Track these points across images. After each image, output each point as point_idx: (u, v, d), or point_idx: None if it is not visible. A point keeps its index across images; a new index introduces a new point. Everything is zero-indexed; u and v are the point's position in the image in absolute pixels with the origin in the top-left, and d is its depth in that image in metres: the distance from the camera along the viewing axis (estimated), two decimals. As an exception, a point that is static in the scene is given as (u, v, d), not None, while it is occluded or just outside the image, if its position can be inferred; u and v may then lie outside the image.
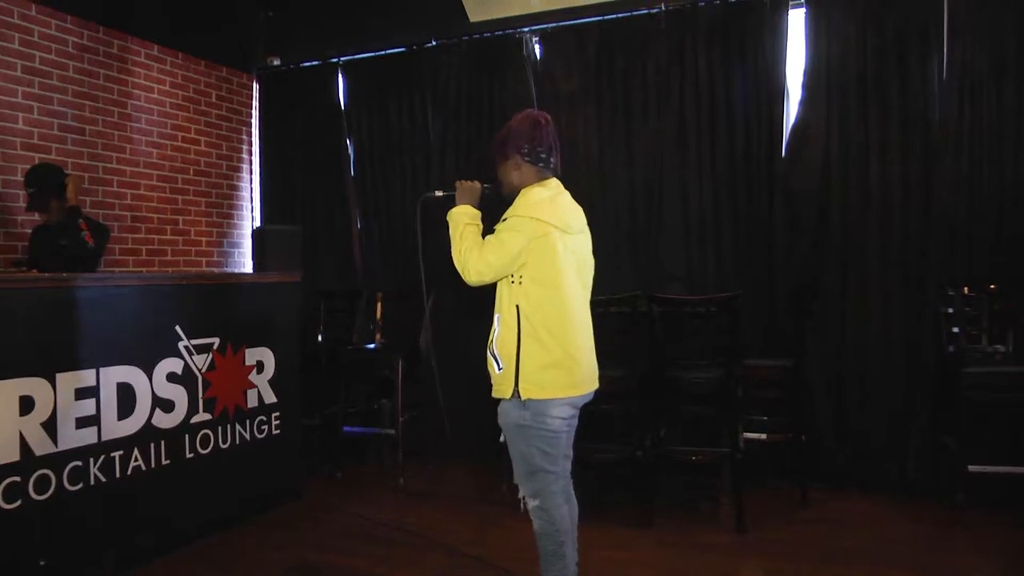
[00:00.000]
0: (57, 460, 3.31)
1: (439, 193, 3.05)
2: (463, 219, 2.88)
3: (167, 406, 3.81)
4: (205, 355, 4.03)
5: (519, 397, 2.76)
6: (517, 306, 2.76)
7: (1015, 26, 4.38)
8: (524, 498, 2.88)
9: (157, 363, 3.77)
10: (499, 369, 2.80)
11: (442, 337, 4.84)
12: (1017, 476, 4.06)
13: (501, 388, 2.81)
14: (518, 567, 3.56)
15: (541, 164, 2.86)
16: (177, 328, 3.89)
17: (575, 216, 2.89)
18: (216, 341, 4.09)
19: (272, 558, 3.81)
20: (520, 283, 2.76)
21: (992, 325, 4.41)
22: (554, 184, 2.90)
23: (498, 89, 5.65)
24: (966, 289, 4.44)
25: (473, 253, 2.77)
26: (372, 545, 3.90)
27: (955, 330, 4.44)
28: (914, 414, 4.55)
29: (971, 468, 4.02)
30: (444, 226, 2.93)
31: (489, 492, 4.71)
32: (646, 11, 5.17)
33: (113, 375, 3.56)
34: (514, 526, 4.15)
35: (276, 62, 6.52)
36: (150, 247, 5.68)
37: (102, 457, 3.49)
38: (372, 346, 5.65)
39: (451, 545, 3.83)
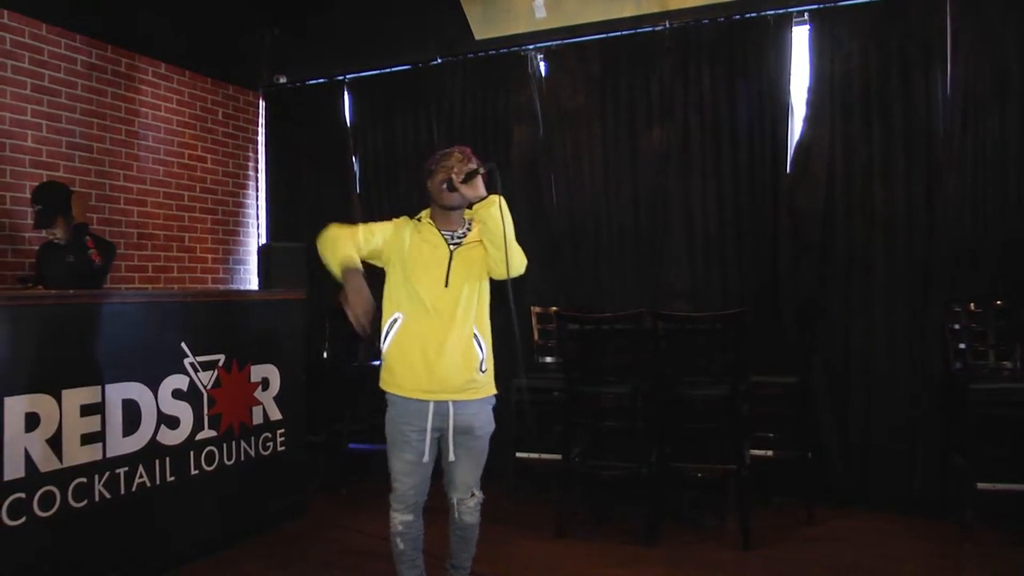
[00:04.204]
0: (62, 477, 3.31)
1: (483, 170, 2.86)
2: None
3: (172, 423, 3.81)
4: (210, 372, 4.03)
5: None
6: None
7: (1017, 41, 4.39)
8: (471, 495, 3.08)
9: (163, 380, 3.78)
10: (484, 370, 2.97)
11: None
12: (1026, 493, 4.03)
13: (491, 384, 3.03)
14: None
15: None
16: (183, 345, 3.90)
17: None
18: (221, 358, 4.10)
19: (276, 575, 3.81)
20: (481, 293, 2.99)
21: (999, 341, 4.40)
22: None
23: (503, 106, 5.68)
24: (972, 305, 4.43)
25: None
26: (377, 562, 3.87)
27: (961, 346, 4.43)
28: (921, 431, 4.53)
29: (980, 485, 3.99)
30: None
31: (495, 509, 4.69)
32: (650, 28, 5.20)
33: (119, 392, 3.56)
34: (521, 543, 4.14)
35: (282, 80, 6.57)
36: (156, 264, 5.70)
37: (107, 474, 3.49)
38: (377, 363, 5.64)
39: (456, 563, 3.81)
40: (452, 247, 2.94)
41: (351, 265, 2.81)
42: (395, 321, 2.94)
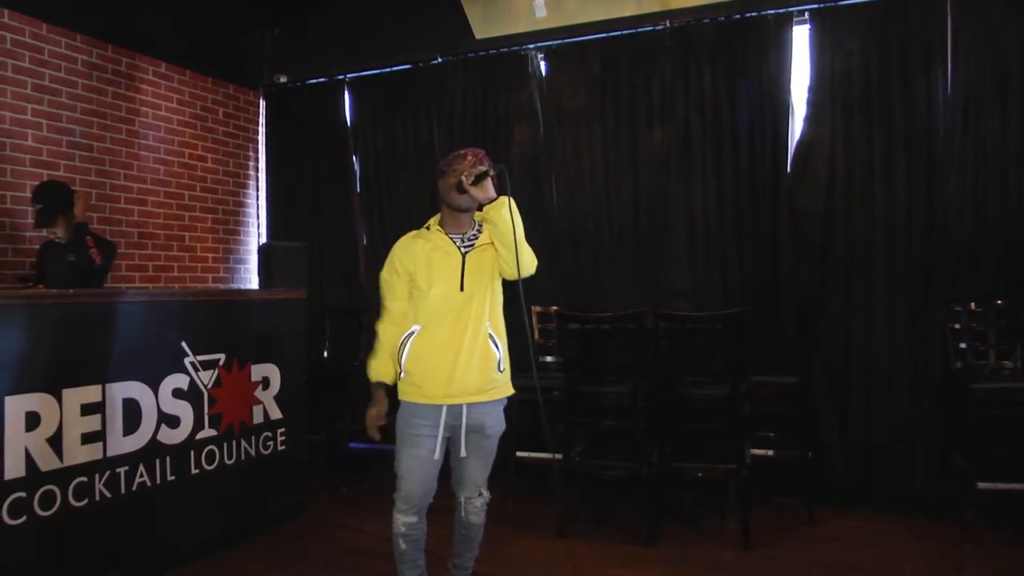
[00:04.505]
0: (62, 476, 3.30)
1: (493, 171, 2.87)
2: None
3: (173, 422, 3.81)
4: (211, 371, 4.03)
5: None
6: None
7: (1017, 41, 4.39)
8: (479, 495, 3.14)
9: (163, 379, 3.78)
10: (502, 369, 2.99)
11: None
12: (1027, 493, 4.03)
13: (508, 385, 3.05)
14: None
15: None
16: (183, 344, 3.90)
17: None
18: (222, 357, 4.10)
19: (276, 575, 3.80)
20: (494, 294, 3.02)
21: (999, 341, 4.40)
22: None
23: (504, 106, 5.68)
24: (972, 305, 4.44)
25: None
26: (378, 562, 3.87)
27: (962, 346, 4.43)
28: (921, 431, 4.53)
29: (980, 485, 4.00)
30: None
31: (496, 509, 4.68)
32: (651, 28, 5.20)
33: (119, 391, 3.56)
34: (522, 543, 4.14)
35: (283, 79, 6.57)
36: (156, 263, 5.70)
37: (107, 473, 3.49)
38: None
39: (456, 562, 3.81)
40: (464, 251, 2.95)
41: (378, 381, 3.06)
42: (412, 333, 2.95)
